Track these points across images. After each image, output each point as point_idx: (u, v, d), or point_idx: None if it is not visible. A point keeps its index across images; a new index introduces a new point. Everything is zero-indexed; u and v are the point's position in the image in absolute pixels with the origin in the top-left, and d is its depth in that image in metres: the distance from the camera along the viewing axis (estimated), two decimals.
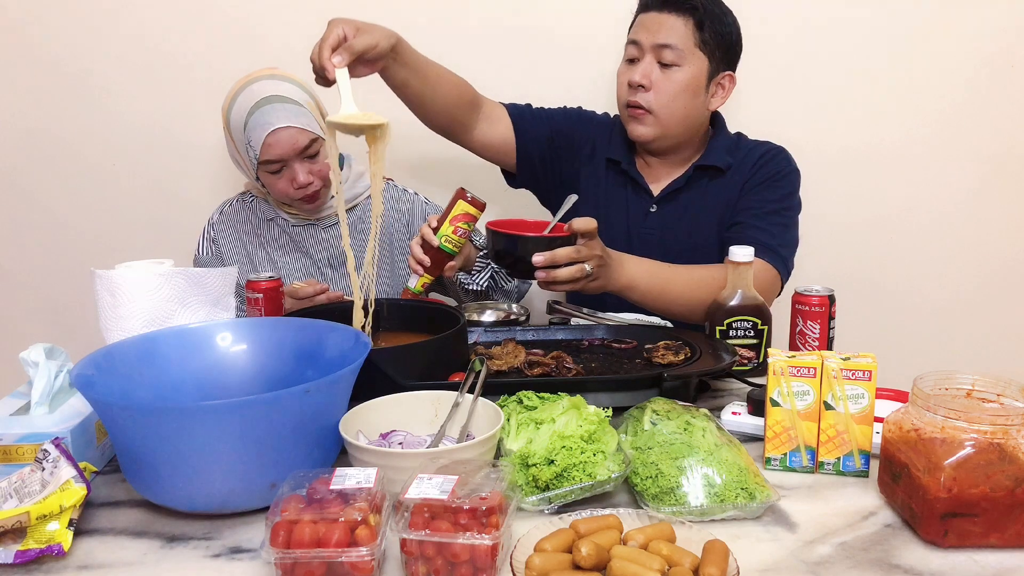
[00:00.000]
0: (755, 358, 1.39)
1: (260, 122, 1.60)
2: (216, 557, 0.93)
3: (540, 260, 1.31)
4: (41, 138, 2.13)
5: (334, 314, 1.32)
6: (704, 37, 1.63)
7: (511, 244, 1.35)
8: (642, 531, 0.89)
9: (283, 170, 1.65)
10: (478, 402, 1.12)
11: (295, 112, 1.62)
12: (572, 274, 1.32)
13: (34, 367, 1.16)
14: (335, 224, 1.80)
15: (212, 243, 1.81)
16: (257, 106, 1.61)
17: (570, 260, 1.32)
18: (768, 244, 1.59)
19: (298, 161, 1.64)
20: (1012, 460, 0.91)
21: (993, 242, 2.19)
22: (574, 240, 1.34)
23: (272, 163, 1.63)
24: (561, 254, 1.32)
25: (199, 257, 1.82)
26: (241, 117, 1.62)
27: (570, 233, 1.34)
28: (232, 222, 1.81)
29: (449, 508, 0.85)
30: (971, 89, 2.11)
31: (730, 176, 1.70)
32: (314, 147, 1.65)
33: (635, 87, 1.65)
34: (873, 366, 1.06)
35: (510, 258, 1.36)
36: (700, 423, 1.08)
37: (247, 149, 1.64)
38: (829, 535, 0.96)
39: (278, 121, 1.60)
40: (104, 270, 1.24)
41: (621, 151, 1.77)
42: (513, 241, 1.35)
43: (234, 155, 1.73)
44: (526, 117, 1.78)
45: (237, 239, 1.80)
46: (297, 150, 1.62)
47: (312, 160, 1.66)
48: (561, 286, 1.34)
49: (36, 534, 0.92)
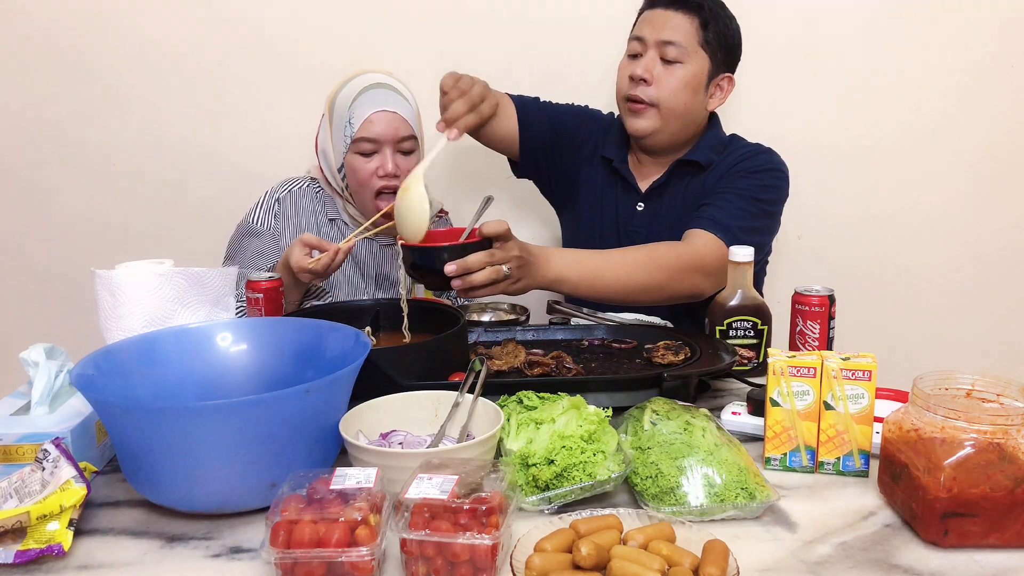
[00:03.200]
0: (755, 358, 1.39)
1: (368, 100, 1.65)
2: (216, 557, 0.93)
3: (452, 269, 1.27)
4: (41, 138, 2.13)
5: (334, 314, 1.32)
6: (707, 36, 1.64)
7: (422, 256, 1.31)
8: (642, 531, 0.89)
9: (374, 154, 1.66)
10: (478, 402, 1.12)
11: (403, 105, 1.67)
12: (488, 277, 1.28)
13: (34, 367, 1.16)
14: (391, 244, 1.78)
15: (273, 216, 1.73)
16: (370, 87, 1.66)
17: (483, 265, 1.28)
18: (721, 221, 1.56)
19: (391, 149, 1.66)
20: (1012, 460, 0.91)
21: (994, 242, 2.19)
22: (489, 244, 1.30)
23: (367, 142, 1.64)
24: (473, 260, 1.27)
25: (251, 226, 1.72)
26: (350, 95, 1.66)
27: (481, 238, 1.30)
28: (299, 204, 1.75)
29: (449, 508, 0.85)
30: (970, 88, 2.11)
31: (710, 172, 1.71)
32: (409, 144, 1.68)
33: (636, 81, 1.66)
34: (873, 366, 1.06)
35: (423, 270, 1.32)
36: (700, 423, 1.08)
37: (346, 127, 1.65)
38: (829, 535, 0.96)
39: (386, 104, 1.65)
40: (104, 270, 1.24)
41: (614, 149, 1.79)
42: (423, 253, 1.31)
43: (324, 142, 1.72)
44: (531, 109, 1.79)
45: (297, 223, 1.74)
46: (396, 137, 1.65)
47: (404, 156, 1.68)
48: (479, 291, 1.30)
49: (36, 534, 0.92)
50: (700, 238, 1.54)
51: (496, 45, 2.08)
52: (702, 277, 1.52)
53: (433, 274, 1.30)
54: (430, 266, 1.29)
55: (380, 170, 1.65)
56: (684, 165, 1.73)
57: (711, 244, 1.53)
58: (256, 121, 2.11)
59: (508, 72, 2.06)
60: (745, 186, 1.64)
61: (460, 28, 2.08)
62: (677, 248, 1.53)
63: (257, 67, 2.08)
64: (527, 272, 1.35)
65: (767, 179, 1.67)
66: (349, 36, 2.07)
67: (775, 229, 1.72)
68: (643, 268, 1.47)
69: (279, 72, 2.06)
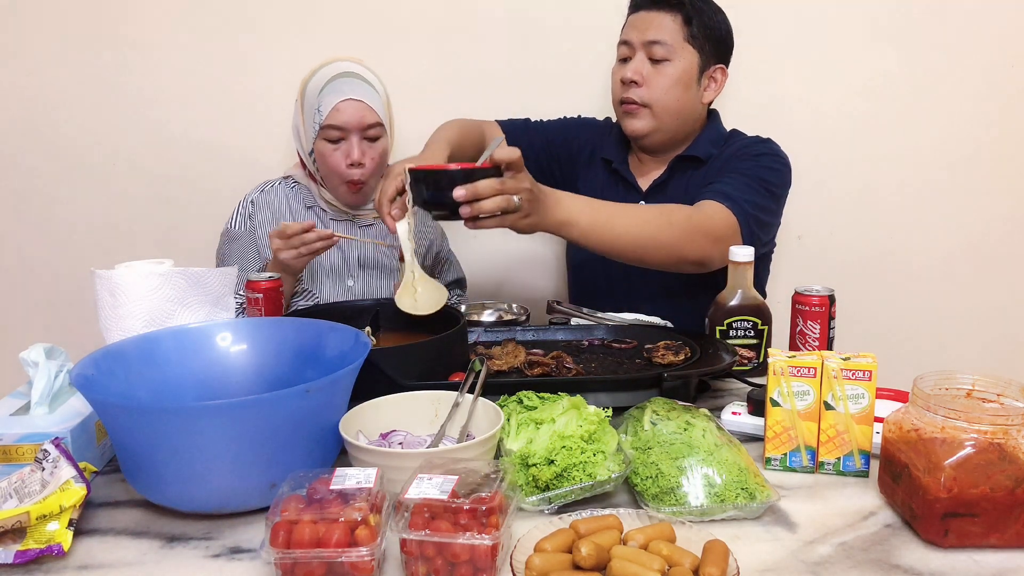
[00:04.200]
0: (755, 358, 1.39)
1: (336, 89, 1.67)
2: (216, 557, 0.93)
3: (461, 194, 1.20)
4: (41, 138, 2.12)
5: (334, 314, 1.32)
6: (692, 31, 1.66)
7: (430, 180, 1.26)
8: (642, 531, 0.89)
9: (341, 142, 1.69)
10: (478, 402, 1.12)
11: (370, 93, 1.70)
12: (498, 205, 1.22)
13: (34, 367, 1.16)
14: (370, 225, 1.82)
15: (247, 219, 1.79)
16: (338, 76, 1.69)
17: (494, 192, 1.22)
18: (728, 193, 1.55)
19: (358, 137, 1.69)
20: (1012, 460, 0.91)
21: (994, 243, 2.19)
22: (500, 173, 1.25)
23: (334, 129, 1.68)
24: (483, 186, 1.22)
25: (230, 231, 1.79)
26: (319, 84, 1.69)
27: (492, 166, 1.24)
28: (271, 202, 1.80)
29: (449, 508, 0.85)
30: (973, 86, 2.11)
31: (711, 164, 1.72)
32: (376, 131, 1.70)
33: (628, 83, 1.69)
34: (873, 366, 1.06)
35: (431, 196, 1.26)
36: (700, 423, 1.08)
37: (314, 114, 1.69)
38: (829, 535, 0.96)
39: (352, 93, 1.67)
40: (104, 270, 1.24)
41: (613, 151, 1.81)
42: (433, 177, 1.25)
43: (297, 127, 1.77)
44: (519, 131, 1.84)
45: (273, 220, 1.79)
46: (361, 125, 1.68)
47: (370, 143, 1.71)
48: (487, 222, 1.24)
49: (36, 534, 0.92)
50: (709, 206, 1.52)
51: (493, 50, 2.08)
52: (711, 243, 1.48)
53: (441, 199, 1.24)
54: (439, 190, 1.24)
55: (347, 157, 1.69)
56: (684, 160, 1.74)
57: (721, 212, 1.51)
58: (258, 121, 2.11)
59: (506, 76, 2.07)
60: (750, 167, 1.63)
61: (459, 32, 2.08)
62: (688, 209, 1.52)
63: (260, 68, 2.08)
64: (536, 208, 1.30)
65: (770, 162, 1.67)
66: (350, 39, 2.07)
67: (779, 215, 1.70)
68: (654, 223, 1.45)
69: (280, 73, 2.06)
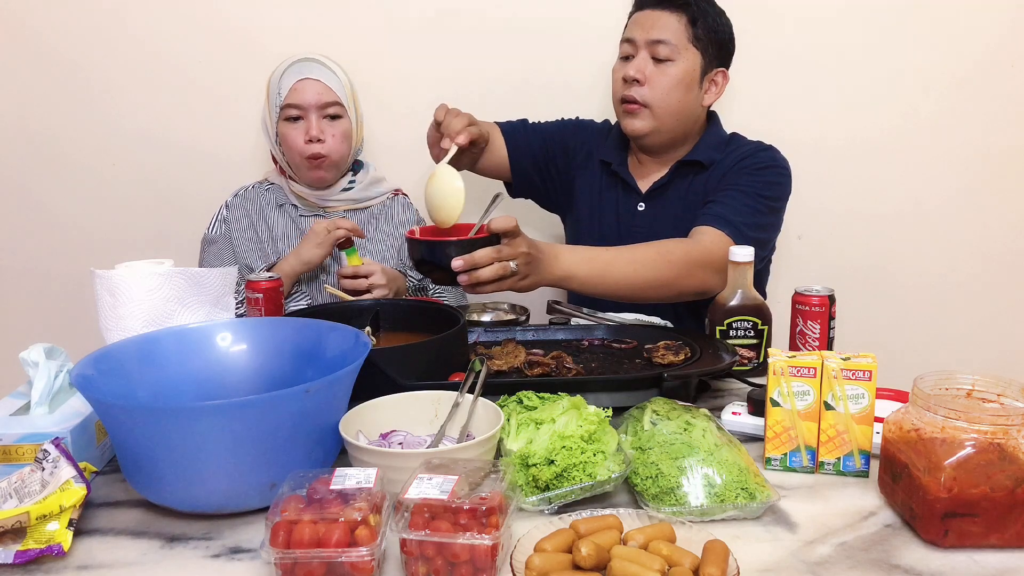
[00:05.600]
0: (755, 358, 1.39)
1: (294, 71, 1.77)
2: (216, 557, 0.93)
3: (459, 264, 1.25)
4: (41, 138, 2.13)
5: (334, 314, 1.32)
6: (697, 33, 1.65)
7: (429, 251, 1.30)
8: (642, 531, 0.89)
9: (300, 120, 1.75)
10: (478, 402, 1.12)
11: (328, 75, 1.78)
12: (495, 273, 1.27)
13: (34, 367, 1.16)
14: (343, 216, 1.86)
15: (223, 223, 1.86)
16: (298, 62, 1.78)
17: (491, 261, 1.27)
18: (727, 217, 1.57)
19: (316, 115, 1.75)
20: (1012, 460, 0.91)
21: (994, 241, 2.19)
22: (497, 240, 1.29)
23: (293, 108, 1.74)
24: (480, 255, 1.26)
25: (208, 235, 1.86)
26: (280, 70, 1.79)
27: (489, 234, 1.29)
28: (245, 205, 1.87)
29: (449, 508, 0.85)
30: (972, 86, 2.11)
31: (712, 171, 1.71)
32: (335, 110, 1.77)
33: (629, 82, 1.67)
34: (873, 366, 1.06)
35: (430, 265, 1.31)
36: (700, 423, 1.08)
37: (276, 98, 1.76)
38: (829, 535, 0.95)
39: (310, 73, 1.76)
40: (104, 270, 1.24)
41: (612, 152, 1.81)
42: (431, 248, 1.30)
43: (264, 119, 1.83)
44: (518, 133, 1.84)
45: (248, 221, 1.85)
46: (319, 104, 1.75)
47: (329, 121, 1.77)
48: (486, 287, 1.29)
49: (36, 534, 0.92)
50: (707, 235, 1.54)
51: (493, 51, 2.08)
52: (711, 273, 1.51)
53: (440, 269, 1.29)
54: (437, 261, 1.28)
55: (305, 134, 1.74)
56: (686, 165, 1.73)
57: (719, 240, 1.53)
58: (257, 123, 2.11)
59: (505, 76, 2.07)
60: (749, 183, 1.64)
61: (457, 35, 2.08)
62: (685, 244, 1.53)
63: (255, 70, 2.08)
64: (535, 269, 1.34)
65: (771, 176, 1.67)
66: (349, 42, 2.07)
67: (779, 226, 1.71)
68: (652, 264, 1.47)
69: None
